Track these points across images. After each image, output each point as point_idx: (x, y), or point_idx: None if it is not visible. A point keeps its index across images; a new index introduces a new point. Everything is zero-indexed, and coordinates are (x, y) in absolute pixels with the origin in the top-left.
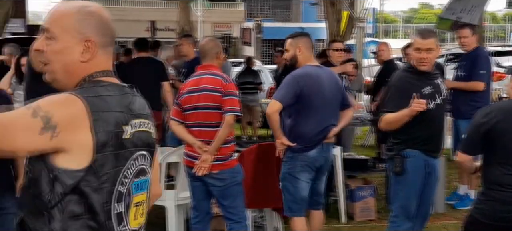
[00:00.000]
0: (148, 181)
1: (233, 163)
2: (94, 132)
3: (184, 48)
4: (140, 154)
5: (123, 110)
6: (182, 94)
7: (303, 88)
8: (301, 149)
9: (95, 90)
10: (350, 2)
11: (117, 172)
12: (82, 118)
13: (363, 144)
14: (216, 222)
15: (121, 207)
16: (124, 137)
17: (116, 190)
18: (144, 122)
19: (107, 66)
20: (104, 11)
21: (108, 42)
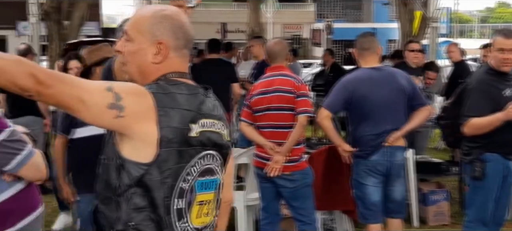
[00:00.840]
0: (217, 182)
1: (303, 164)
2: (159, 126)
3: (254, 50)
4: (207, 153)
5: (191, 108)
6: (252, 95)
7: (353, 94)
8: (361, 154)
9: (165, 87)
10: (423, 1)
11: (180, 168)
12: (149, 111)
13: (436, 146)
14: (286, 224)
15: (182, 203)
16: (190, 134)
17: (178, 186)
18: (214, 123)
19: (181, 68)
20: (180, 15)
21: (181, 45)
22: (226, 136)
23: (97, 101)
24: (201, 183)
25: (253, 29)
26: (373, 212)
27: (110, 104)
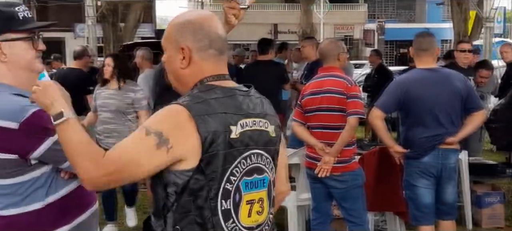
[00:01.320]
0: (266, 179)
1: (354, 165)
2: (198, 134)
3: (306, 50)
4: (252, 152)
5: (229, 111)
6: (304, 96)
7: (406, 94)
8: (413, 155)
9: (198, 96)
10: (478, 1)
11: (224, 170)
12: (187, 124)
13: (492, 148)
14: (337, 225)
15: (228, 204)
16: (231, 136)
17: (223, 188)
18: (257, 121)
19: (215, 70)
20: (202, 18)
21: (204, 46)
22: (272, 132)
23: (148, 152)
24: (248, 183)
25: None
26: (425, 214)
27: (156, 145)
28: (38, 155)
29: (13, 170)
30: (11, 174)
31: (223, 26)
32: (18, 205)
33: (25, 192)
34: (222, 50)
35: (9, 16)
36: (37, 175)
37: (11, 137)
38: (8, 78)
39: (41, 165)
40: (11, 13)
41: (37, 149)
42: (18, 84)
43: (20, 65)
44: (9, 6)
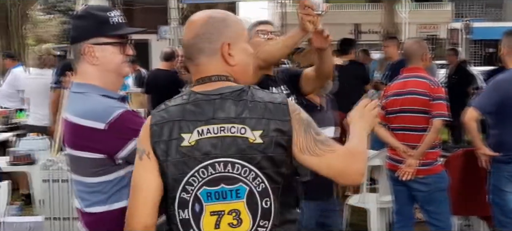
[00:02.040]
0: (243, 190)
1: (438, 168)
2: (152, 142)
3: (389, 50)
4: (217, 161)
5: (186, 117)
6: (386, 96)
7: (504, 95)
8: (504, 159)
9: (170, 102)
10: None
11: (177, 179)
12: (146, 134)
13: None
14: (420, 228)
15: (186, 214)
16: (183, 144)
17: (179, 197)
18: (226, 127)
19: (199, 74)
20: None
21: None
22: (256, 138)
23: (144, 176)
24: (211, 193)
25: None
26: (511, 220)
27: (141, 161)
28: (124, 155)
29: (100, 169)
30: (97, 173)
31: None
32: (104, 203)
33: (110, 190)
34: (189, 57)
35: (102, 21)
36: (122, 174)
37: (99, 137)
38: (97, 80)
39: (127, 164)
40: (105, 18)
41: (123, 149)
42: (105, 86)
43: (109, 68)
44: (104, 11)
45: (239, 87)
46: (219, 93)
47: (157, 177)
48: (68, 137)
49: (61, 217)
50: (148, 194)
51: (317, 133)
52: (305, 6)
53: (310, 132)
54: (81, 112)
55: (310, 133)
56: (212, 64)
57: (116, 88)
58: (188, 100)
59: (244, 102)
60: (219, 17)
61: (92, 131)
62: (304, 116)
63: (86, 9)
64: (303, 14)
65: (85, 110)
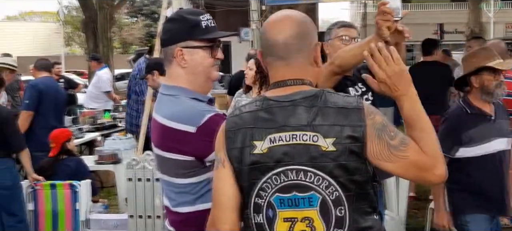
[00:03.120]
0: (316, 198)
1: None
2: (226, 150)
3: None
4: (289, 168)
5: (258, 124)
6: None
7: None
8: None
9: (240, 108)
10: None
11: (251, 185)
12: (221, 141)
13: None
14: None
15: (261, 218)
16: (255, 152)
17: (253, 202)
18: (298, 135)
19: (277, 77)
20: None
21: (266, 53)
22: (328, 146)
23: (216, 176)
24: (284, 199)
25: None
26: None
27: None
28: (213, 158)
29: (189, 171)
30: (187, 175)
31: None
32: (192, 203)
33: (199, 191)
34: (283, 57)
35: (193, 25)
36: (211, 176)
37: (189, 140)
38: (186, 83)
39: None
40: (196, 21)
41: (212, 152)
42: (194, 89)
43: (198, 72)
44: (195, 15)
45: (313, 92)
46: (291, 99)
47: (233, 184)
48: (157, 138)
49: (145, 215)
50: (228, 202)
51: (391, 136)
52: (383, 12)
53: (384, 137)
54: (171, 115)
55: (383, 139)
56: (305, 65)
57: (205, 91)
58: (261, 106)
59: (317, 109)
60: (308, 16)
61: (182, 133)
62: (379, 120)
63: (178, 12)
64: (382, 20)
65: (176, 113)
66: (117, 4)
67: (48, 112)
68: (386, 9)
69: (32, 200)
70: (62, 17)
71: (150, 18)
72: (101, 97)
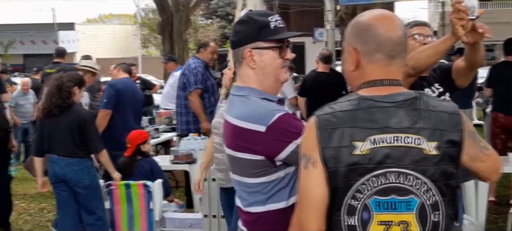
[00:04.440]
0: (414, 202)
1: None
2: (320, 149)
3: None
4: (389, 171)
5: (357, 124)
6: None
7: None
8: None
9: (333, 106)
10: None
11: (347, 186)
12: (313, 140)
13: None
14: None
15: (354, 221)
16: (355, 152)
17: (347, 203)
18: (401, 137)
19: (374, 76)
20: (376, 19)
21: (371, 49)
22: (431, 150)
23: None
24: (381, 202)
25: None
26: None
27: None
28: (283, 157)
29: (260, 170)
30: (257, 174)
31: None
32: (263, 203)
33: (270, 191)
34: (392, 55)
35: (262, 26)
36: (281, 176)
37: (259, 140)
38: (256, 83)
39: (286, 166)
40: (264, 23)
41: (282, 151)
42: (265, 89)
43: (267, 72)
44: (264, 16)
45: (412, 94)
46: (393, 100)
47: (323, 185)
48: (228, 138)
49: (218, 214)
50: (316, 203)
51: (479, 139)
52: (458, 10)
53: (476, 140)
54: (242, 115)
55: (476, 141)
56: (401, 66)
57: (275, 91)
58: (359, 106)
59: (418, 112)
60: None
61: (253, 133)
62: (471, 126)
63: (247, 14)
64: (456, 18)
65: (246, 113)
66: (193, 6)
67: (126, 112)
68: (461, 7)
69: (109, 199)
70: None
71: (225, 19)
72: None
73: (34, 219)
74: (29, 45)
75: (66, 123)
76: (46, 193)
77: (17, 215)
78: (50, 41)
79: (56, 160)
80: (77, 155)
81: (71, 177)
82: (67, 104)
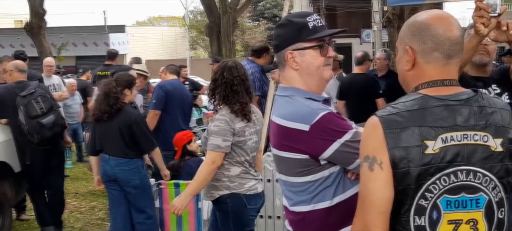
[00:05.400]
0: (483, 200)
1: None
2: (388, 149)
3: None
4: (459, 169)
5: (426, 123)
6: None
7: None
8: None
9: (397, 106)
10: None
11: (418, 187)
12: (380, 140)
13: None
14: None
15: (423, 221)
16: (427, 151)
17: (416, 204)
18: (469, 134)
19: (433, 76)
20: (434, 19)
21: (429, 49)
22: (497, 146)
23: (368, 180)
24: (452, 201)
25: None
26: None
27: (369, 166)
28: (327, 156)
29: (304, 169)
30: (302, 173)
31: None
32: (308, 202)
33: (314, 190)
34: (451, 54)
35: (300, 27)
36: (326, 175)
37: (303, 139)
38: (300, 84)
39: (330, 165)
40: (302, 23)
41: (326, 150)
42: (309, 89)
43: (310, 72)
44: (301, 17)
45: (472, 93)
46: (458, 99)
47: (390, 187)
48: (274, 138)
49: (265, 215)
50: (383, 206)
51: None
52: (479, 8)
53: None
54: (286, 115)
55: None
56: (457, 66)
57: (320, 90)
58: (425, 105)
59: (482, 109)
60: None
61: (297, 132)
62: None
63: (286, 17)
64: (476, 16)
65: (290, 112)
66: (240, 8)
67: (175, 113)
68: (481, 5)
69: (158, 198)
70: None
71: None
72: None
73: (85, 217)
74: (81, 47)
75: (117, 125)
76: (97, 191)
77: (69, 213)
78: (101, 43)
79: (108, 159)
80: (128, 155)
81: (121, 176)
82: (115, 110)
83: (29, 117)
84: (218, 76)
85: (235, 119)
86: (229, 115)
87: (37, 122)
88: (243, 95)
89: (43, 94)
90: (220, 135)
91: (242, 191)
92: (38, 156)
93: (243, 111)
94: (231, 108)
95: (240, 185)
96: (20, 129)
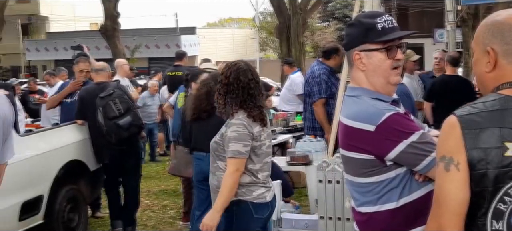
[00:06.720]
0: None
1: None
2: (466, 149)
3: None
4: None
5: (507, 125)
6: None
7: None
8: None
9: (476, 106)
10: None
11: (496, 190)
12: (458, 140)
13: None
14: None
15: (501, 226)
16: (507, 154)
17: (494, 207)
18: None
19: None
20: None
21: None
22: None
23: (443, 180)
24: None
25: None
26: None
27: (445, 166)
28: (392, 157)
29: (370, 170)
30: (368, 174)
31: None
32: (374, 203)
33: (380, 191)
34: None
35: (368, 28)
36: (392, 176)
37: (369, 139)
38: (367, 85)
39: (396, 166)
40: (371, 24)
41: (391, 150)
42: (376, 90)
43: (377, 74)
44: (371, 17)
45: None
46: None
47: (466, 189)
48: (341, 138)
49: (334, 217)
50: (459, 208)
51: None
52: None
53: None
54: (353, 115)
55: None
56: None
57: (388, 92)
58: (506, 105)
59: None
60: None
61: (362, 132)
62: None
63: (356, 17)
64: None
65: (357, 112)
66: (310, 9)
67: None
68: None
69: None
70: (258, 23)
71: (342, 22)
72: (294, 100)
73: (158, 216)
74: (153, 49)
75: (214, 122)
76: (169, 190)
77: (142, 212)
78: (173, 45)
79: (204, 157)
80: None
81: None
82: (214, 108)
83: (107, 117)
84: (233, 80)
85: (253, 123)
86: (247, 119)
87: (114, 123)
88: (259, 98)
89: (121, 95)
90: (240, 140)
91: (249, 198)
92: (115, 155)
93: (260, 115)
94: (248, 112)
95: (248, 191)
96: (99, 129)
